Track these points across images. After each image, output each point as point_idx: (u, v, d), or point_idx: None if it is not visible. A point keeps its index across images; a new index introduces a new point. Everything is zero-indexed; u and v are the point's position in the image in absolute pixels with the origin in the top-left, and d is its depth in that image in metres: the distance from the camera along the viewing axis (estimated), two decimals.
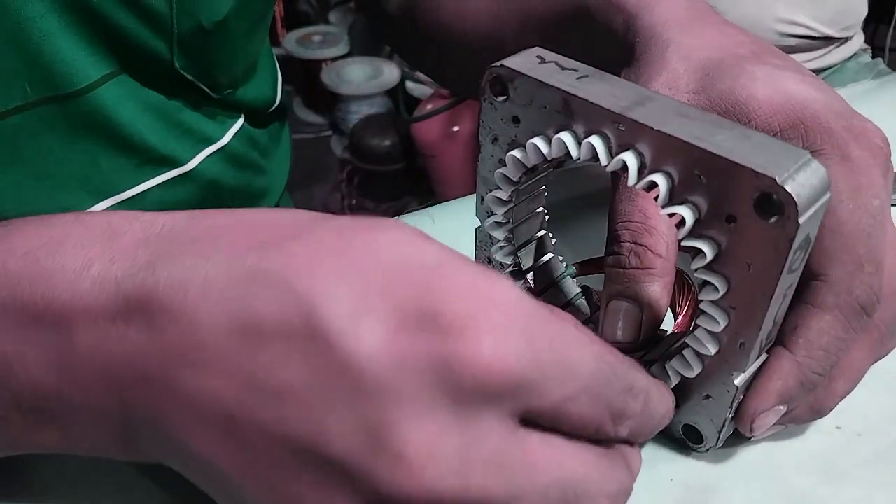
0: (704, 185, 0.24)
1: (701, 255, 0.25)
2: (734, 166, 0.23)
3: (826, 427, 0.31)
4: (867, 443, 0.31)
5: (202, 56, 0.42)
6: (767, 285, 0.24)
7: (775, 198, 0.22)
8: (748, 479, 0.29)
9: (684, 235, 0.25)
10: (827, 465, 0.30)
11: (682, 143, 0.24)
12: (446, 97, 1.59)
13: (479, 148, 0.30)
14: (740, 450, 0.30)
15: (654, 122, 0.24)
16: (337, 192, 1.90)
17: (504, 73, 0.28)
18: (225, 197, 0.48)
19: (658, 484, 0.29)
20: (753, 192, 0.23)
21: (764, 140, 0.24)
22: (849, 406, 0.32)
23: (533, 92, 0.27)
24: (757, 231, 0.23)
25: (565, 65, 0.28)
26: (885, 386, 0.33)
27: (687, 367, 0.28)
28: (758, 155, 0.23)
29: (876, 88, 0.63)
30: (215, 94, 0.45)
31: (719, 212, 0.24)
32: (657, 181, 0.25)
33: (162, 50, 0.40)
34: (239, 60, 0.46)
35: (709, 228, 0.25)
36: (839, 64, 0.90)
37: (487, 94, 0.28)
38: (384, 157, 1.80)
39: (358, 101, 1.95)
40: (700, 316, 0.26)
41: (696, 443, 0.30)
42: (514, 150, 0.29)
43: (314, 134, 2.07)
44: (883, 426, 0.32)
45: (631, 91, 0.26)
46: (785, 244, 0.23)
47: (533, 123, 0.28)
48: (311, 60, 2.01)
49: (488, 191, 0.31)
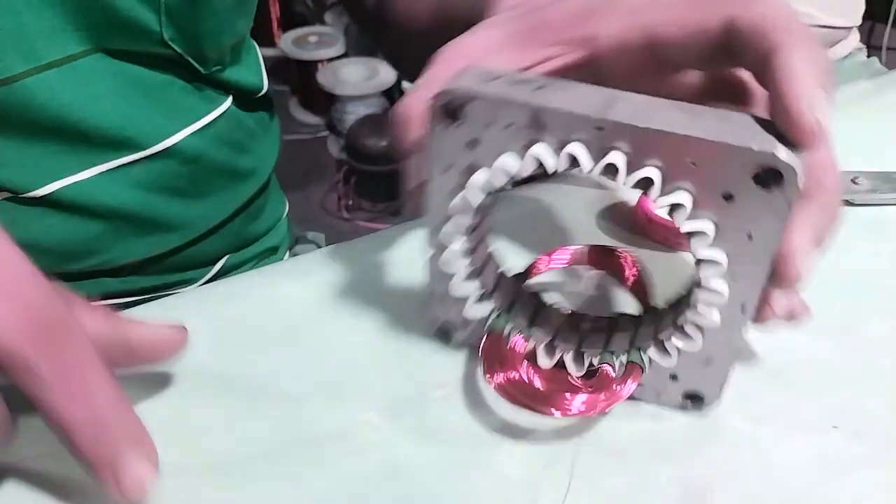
0: (696, 169, 0.25)
1: (703, 235, 0.26)
2: (732, 149, 0.24)
3: (824, 427, 0.31)
4: (865, 443, 0.31)
5: (189, 26, 0.42)
6: (769, 248, 0.26)
7: (776, 170, 0.24)
8: (746, 479, 0.29)
9: (683, 221, 0.26)
10: (825, 465, 0.30)
11: (674, 136, 0.24)
12: None
13: (429, 178, 0.28)
14: (738, 450, 0.30)
15: (637, 119, 0.25)
16: (333, 192, 1.90)
17: (457, 98, 0.26)
18: (209, 174, 0.49)
19: (656, 484, 0.29)
20: (753, 168, 0.24)
21: (742, 118, 0.25)
22: (847, 406, 0.32)
23: (494, 112, 0.26)
24: (757, 202, 0.25)
25: (515, 78, 0.27)
26: (883, 386, 0.33)
27: (689, 341, 0.29)
28: (746, 134, 0.24)
29: (872, 88, 0.63)
30: (203, 69, 0.45)
31: (714, 192, 0.25)
32: (650, 175, 0.25)
33: (150, 20, 0.41)
34: (225, 34, 0.47)
35: (705, 209, 0.26)
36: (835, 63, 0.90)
37: (438, 121, 0.27)
38: (381, 158, 1.80)
39: (354, 102, 1.95)
40: (701, 291, 0.27)
41: (697, 406, 0.31)
42: (478, 175, 0.27)
43: (311, 134, 2.07)
44: (880, 426, 0.32)
45: (595, 93, 0.26)
46: (785, 208, 0.25)
47: (496, 143, 0.26)
48: (308, 61, 2.01)
49: (442, 222, 0.29)
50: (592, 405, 0.29)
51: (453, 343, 0.33)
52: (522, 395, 0.29)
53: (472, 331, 0.32)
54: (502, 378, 0.30)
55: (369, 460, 0.30)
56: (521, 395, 0.29)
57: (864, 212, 0.45)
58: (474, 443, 0.31)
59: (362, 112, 1.94)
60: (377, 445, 0.30)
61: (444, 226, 0.29)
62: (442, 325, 0.33)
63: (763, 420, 0.32)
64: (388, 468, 0.30)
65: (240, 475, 0.29)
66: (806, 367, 0.34)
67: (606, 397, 0.30)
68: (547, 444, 0.30)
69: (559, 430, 0.31)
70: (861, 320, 0.37)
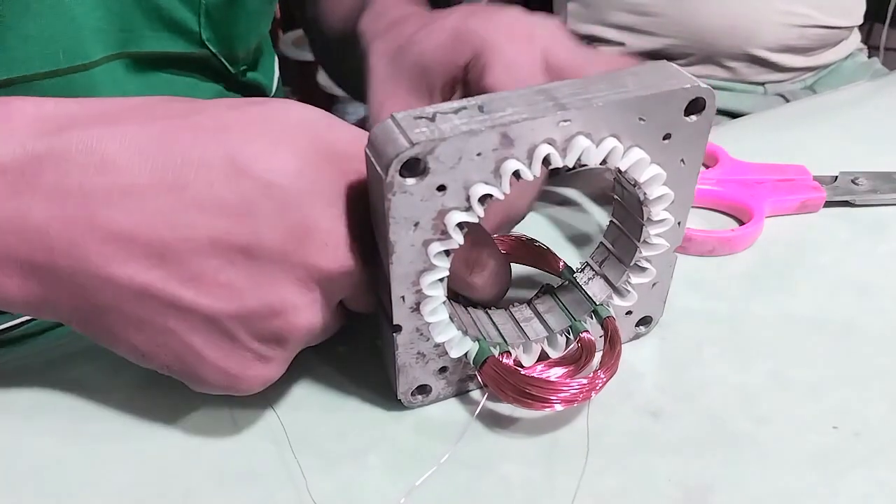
0: (644, 124, 0.28)
1: (657, 178, 0.29)
2: (671, 93, 0.27)
3: (823, 427, 0.31)
4: (864, 443, 0.31)
5: (224, 28, 0.44)
6: (697, 166, 0.30)
7: (701, 98, 0.28)
8: (745, 479, 0.29)
9: (643, 174, 0.29)
10: (824, 465, 0.30)
11: (628, 101, 0.27)
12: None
13: (389, 248, 0.26)
14: (737, 450, 0.30)
15: (593, 101, 0.26)
16: None
17: (420, 150, 0.24)
18: None
19: (655, 484, 0.29)
20: (685, 103, 0.28)
21: (650, 69, 0.28)
22: (846, 406, 0.32)
23: (461, 148, 0.25)
24: (687, 131, 0.29)
25: (449, 108, 0.26)
26: (882, 386, 0.33)
27: (644, 273, 0.33)
28: (669, 78, 0.28)
29: (872, 88, 0.63)
30: (232, 69, 0.46)
31: (657, 137, 0.28)
32: (613, 146, 0.27)
33: (190, 21, 0.41)
34: (253, 35, 0.49)
35: (653, 155, 0.28)
36: (835, 63, 0.90)
37: (397, 183, 0.25)
38: None
39: (354, 103, 1.95)
40: (651, 226, 0.31)
41: (647, 327, 0.35)
42: (453, 215, 0.26)
43: None
44: (880, 426, 0.32)
45: (531, 94, 0.27)
46: (707, 127, 0.29)
47: (464, 178, 0.26)
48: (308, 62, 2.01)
49: (413, 283, 0.28)
50: (595, 376, 0.30)
51: (431, 398, 0.32)
52: (543, 399, 0.29)
53: (448, 377, 0.32)
54: (515, 395, 0.30)
55: (369, 460, 0.30)
56: (540, 399, 0.29)
57: (865, 212, 0.45)
58: (474, 442, 0.31)
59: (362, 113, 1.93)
60: (378, 443, 0.30)
61: (421, 280, 0.27)
62: (420, 386, 0.31)
63: (763, 420, 0.32)
64: (388, 467, 0.30)
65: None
66: (806, 367, 0.34)
67: (605, 364, 0.31)
68: (547, 444, 0.31)
69: (560, 430, 0.31)
70: (861, 320, 0.37)
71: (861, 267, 0.41)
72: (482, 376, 0.31)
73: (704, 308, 0.38)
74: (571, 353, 0.32)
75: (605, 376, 0.30)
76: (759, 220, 0.42)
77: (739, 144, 0.49)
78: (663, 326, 0.36)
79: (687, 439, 0.31)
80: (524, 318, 0.34)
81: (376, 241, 0.28)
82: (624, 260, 0.33)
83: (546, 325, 0.34)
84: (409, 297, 0.28)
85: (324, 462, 0.30)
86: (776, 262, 0.41)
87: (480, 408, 0.31)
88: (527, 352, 0.32)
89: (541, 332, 0.33)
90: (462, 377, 0.32)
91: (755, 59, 0.85)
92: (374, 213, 0.27)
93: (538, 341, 0.33)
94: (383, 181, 0.24)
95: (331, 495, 0.29)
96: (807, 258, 0.42)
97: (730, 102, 0.85)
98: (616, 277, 0.33)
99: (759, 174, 0.46)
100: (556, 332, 0.33)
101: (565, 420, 0.31)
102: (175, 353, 0.27)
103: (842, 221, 0.45)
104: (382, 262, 0.27)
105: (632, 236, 0.32)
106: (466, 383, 0.32)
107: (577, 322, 0.33)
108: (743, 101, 0.86)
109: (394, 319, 0.28)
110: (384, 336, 0.31)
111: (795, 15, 0.84)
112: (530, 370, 0.32)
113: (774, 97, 0.88)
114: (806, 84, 0.89)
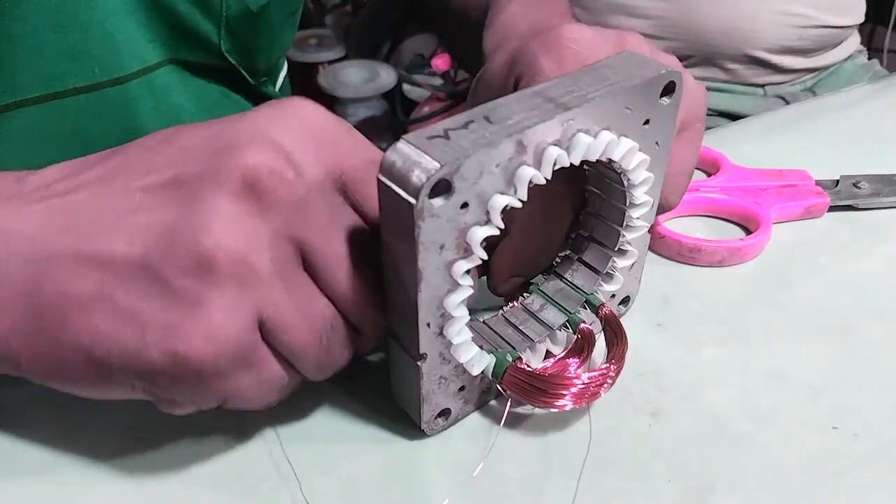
0: (630, 112, 0.28)
1: (643, 164, 0.30)
2: (653, 80, 0.28)
3: (823, 427, 0.31)
4: (864, 443, 0.31)
5: (245, 40, 0.44)
6: (668, 147, 0.31)
7: (672, 81, 0.29)
8: (745, 479, 0.29)
9: (632, 162, 0.29)
10: (824, 466, 0.30)
11: (617, 92, 0.27)
12: (443, 99, 1.60)
13: (417, 276, 0.25)
14: (738, 450, 0.31)
15: (586, 98, 0.27)
16: None
17: (447, 171, 0.23)
18: None
19: (655, 485, 0.29)
20: (660, 89, 0.29)
21: (617, 60, 0.29)
22: (846, 406, 0.32)
23: (483, 162, 0.24)
24: (661, 114, 0.30)
25: (456, 123, 0.25)
26: (882, 386, 0.33)
27: (628, 255, 0.33)
28: (639, 67, 0.29)
29: (873, 90, 0.63)
30: (252, 80, 0.46)
31: (639, 123, 0.29)
32: (609, 138, 0.28)
33: (210, 33, 0.42)
34: (275, 48, 0.49)
35: (637, 141, 0.29)
36: (836, 65, 0.90)
37: (427, 207, 0.24)
38: None
39: (355, 104, 1.95)
40: (633, 209, 0.32)
41: (626, 306, 0.36)
42: (476, 231, 0.25)
43: None
44: (879, 426, 0.32)
45: (527, 97, 0.27)
46: (676, 108, 0.30)
47: (484, 191, 0.25)
48: (308, 63, 2.01)
49: (437, 307, 0.27)
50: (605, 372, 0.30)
51: (451, 420, 0.31)
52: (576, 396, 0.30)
53: (465, 395, 0.31)
54: (544, 398, 0.30)
55: (370, 460, 0.30)
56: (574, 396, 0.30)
57: (866, 215, 0.45)
58: (474, 442, 0.31)
59: (363, 114, 1.93)
60: (378, 444, 0.31)
61: (446, 302, 0.27)
62: (442, 410, 0.30)
63: (763, 420, 0.32)
64: (389, 467, 0.30)
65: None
66: (806, 367, 0.34)
67: (612, 354, 0.31)
68: (547, 444, 0.31)
69: (559, 430, 0.31)
70: (861, 321, 0.37)
71: (862, 269, 0.41)
72: (505, 386, 0.30)
73: (705, 309, 0.38)
74: (574, 345, 0.33)
75: (619, 363, 0.31)
76: (766, 229, 0.42)
77: (740, 148, 0.49)
78: (664, 327, 0.36)
79: (687, 439, 0.31)
80: (521, 321, 0.34)
81: (385, 274, 0.27)
82: (608, 245, 0.34)
83: (543, 323, 0.33)
84: (433, 323, 0.27)
85: (320, 464, 0.30)
86: (781, 268, 0.41)
87: (506, 416, 0.31)
88: (533, 353, 0.32)
89: (540, 330, 0.33)
90: (479, 392, 0.32)
91: (755, 60, 0.85)
92: (389, 245, 0.26)
93: (541, 340, 0.33)
94: (413, 207, 0.23)
95: (331, 496, 0.29)
96: (811, 263, 0.42)
97: (729, 104, 0.85)
98: (601, 264, 0.34)
99: (763, 180, 0.46)
100: (556, 328, 0.33)
101: (565, 420, 0.31)
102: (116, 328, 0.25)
103: (845, 226, 0.45)
104: (398, 294, 0.27)
105: (613, 222, 0.33)
106: (483, 397, 0.32)
107: (573, 315, 0.33)
108: (743, 102, 0.86)
109: (420, 348, 0.27)
110: (400, 368, 0.29)
111: (795, 15, 0.84)
112: (544, 370, 0.32)
113: (774, 99, 0.88)
114: (806, 86, 0.89)
